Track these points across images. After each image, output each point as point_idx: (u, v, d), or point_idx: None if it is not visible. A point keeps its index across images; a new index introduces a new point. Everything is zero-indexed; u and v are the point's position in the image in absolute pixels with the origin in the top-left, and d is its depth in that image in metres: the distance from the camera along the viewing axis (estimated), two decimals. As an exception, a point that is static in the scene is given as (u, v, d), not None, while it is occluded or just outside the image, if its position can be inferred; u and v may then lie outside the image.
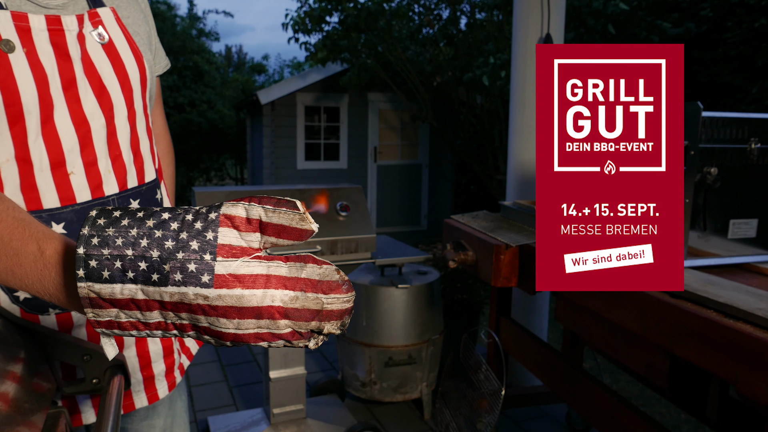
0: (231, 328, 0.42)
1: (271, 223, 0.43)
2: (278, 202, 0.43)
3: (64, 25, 0.77)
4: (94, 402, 0.85)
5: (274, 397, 2.19)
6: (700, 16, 5.70)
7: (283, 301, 0.42)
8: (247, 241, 0.43)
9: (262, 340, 0.43)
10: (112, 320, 0.44)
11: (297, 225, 0.43)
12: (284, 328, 0.42)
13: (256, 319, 0.42)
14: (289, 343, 0.43)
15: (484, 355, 2.07)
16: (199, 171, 11.52)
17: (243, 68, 21.07)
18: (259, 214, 0.43)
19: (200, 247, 0.42)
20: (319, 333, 0.43)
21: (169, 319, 0.43)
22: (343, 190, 2.19)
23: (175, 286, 0.41)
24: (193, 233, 0.42)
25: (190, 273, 0.41)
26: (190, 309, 0.42)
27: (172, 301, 0.42)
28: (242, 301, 0.41)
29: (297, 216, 0.43)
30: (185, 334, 0.44)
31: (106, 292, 0.42)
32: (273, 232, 0.43)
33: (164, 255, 0.42)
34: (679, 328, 1.04)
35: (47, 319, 0.79)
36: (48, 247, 0.48)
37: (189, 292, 0.41)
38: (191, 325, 0.43)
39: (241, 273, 0.41)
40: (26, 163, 0.75)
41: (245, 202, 0.43)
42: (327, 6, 6.25)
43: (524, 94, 2.74)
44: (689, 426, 2.56)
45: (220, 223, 0.43)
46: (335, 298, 0.43)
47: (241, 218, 0.43)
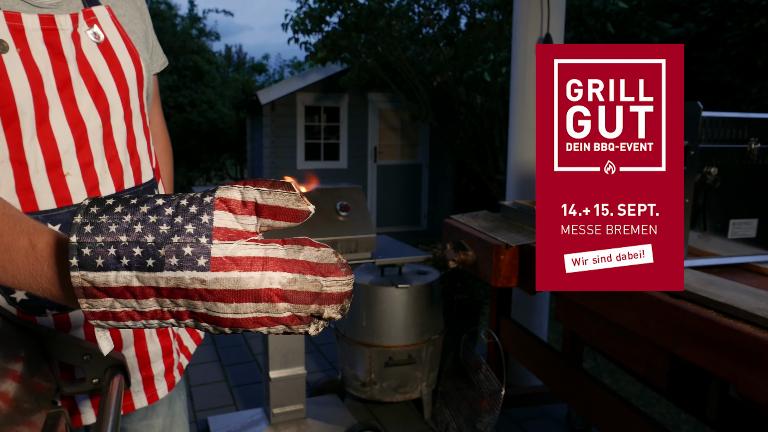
0: (229, 312, 0.41)
1: (267, 204, 0.42)
2: (273, 184, 0.43)
3: (58, 25, 0.76)
4: (93, 402, 0.85)
5: (274, 397, 2.19)
6: (700, 16, 5.70)
7: (281, 284, 0.41)
8: (243, 225, 0.42)
9: (261, 325, 0.42)
10: (107, 310, 0.43)
11: (293, 206, 0.42)
12: (283, 311, 0.41)
13: (255, 302, 0.41)
14: (289, 329, 0.42)
15: (484, 355, 2.07)
16: (199, 171, 11.53)
17: (243, 68, 21.06)
18: (255, 197, 0.42)
19: (196, 230, 0.41)
20: (319, 318, 0.42)
21: (165, 307, 0.42)
22: (343, 190, 2.19)
23: (170, 270, 0.40)
24: (188, 217, 0.42)
25: (186, 257, 0.40)
26: (187, 294, 0.41)
27: (168, 287, 0.41)
28: (240, 284, 0.40)
29: (293, 197, 0.42)
30: (182, 323, 0.43)
31: (101, 281, 0.41)
32: (269, 214, 0.42)
33: (159, 240, 0.41)
34: (679, 328, 1.04)
35: (44, 320, 0.79)
36: (39, 241, 0.47)
37: (185, 277, 0.40)
38: (188, 312, 0.42)
39: (238, 255, 0.41)
40: (21, 165, 0.74)
41: (240, 185, 0.43)
42: (327, 6, 6.25)
43: (524, 93, 2.74)
44: (689, 426, 2.56)
45: (215, 206, 0.42)
46: (334, 280, 0.42)
47: (237, 201, 0.42)
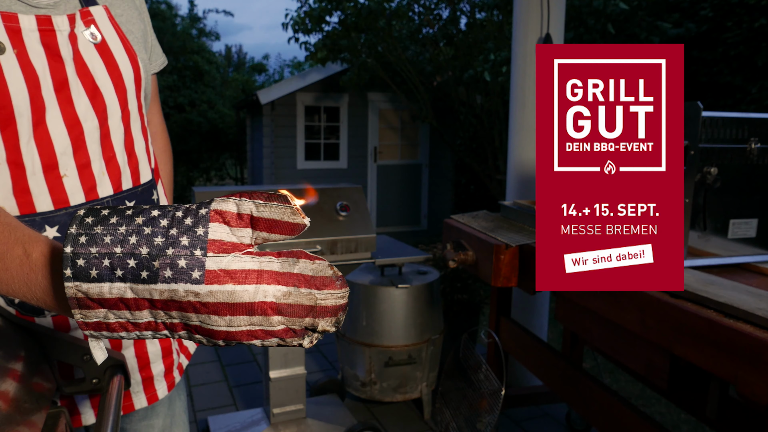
0: (222, 325, 0.41)
1: (263, 217, 0.42)
2: (269, 197, 0.42)
3: (55, 26, 0.76)
4: (93, 403, 0.85)
5: (274, 397, 2.19)
6: (700, 16, 5.70)
7: (275, 297, 0.41)
8: (238, 237, 0.42)
9: (255, 338, 0.42)
10: (100, 321, 0.43)
11: (288, 219, 0.42)
12: (277, 324, 0.41)
13: (249, 315, 0.41)
14: (283, 341, 0.42)
15: (484, 355, 2.07)
16: (199, 171, 11.52)
17: (243, 68, 21.05)
18: (250, 209, 0.42)
19: (190, 242, 0.41)
20: (313, 330, 0.42)
21: (159, 319, 0.42)
22: (343, 190, 2.19)
23: (165, 283, 0.40)
24: (183, 229, 0.42)
25: (180, 269, 0.40)
26: (181, 307, 0.41)
27: (162, 299, 0.41)
28: (234, 297, 0.40)
29: (288, 210, 0.42)
30: (176, 334, 0.43)
31: (94, 292, 0.41)
32: (264, 227, 0.42)
33: (153, 251, 0.41)
34: (679, 328, 1.04)
35: (43, 321, 0.79)
36: (34, 250, 0.47)
37: (179, 289, 0.40)
38: (182, 324, 0.42)
39: (233, 268, 0.41)
40: (18, 167, 0.73)
41: (236, 198, 0.43)
42: (327, 6, 6.25)
43: (524, 93, 2.74)
44: (689, 426, 2.56)
45: (210, 218, 0.42)
46: (329, 293, 0.42)
47: (232, 213, 0.42)
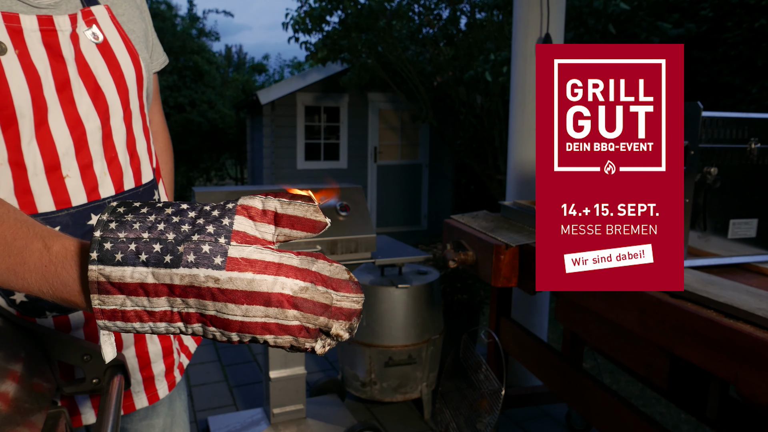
0: (239, 314, 0.42)
1: (286, 214, 0.45)
2: (294, 196, 0.45)
3: (56, 26, 0.76)
4: (93, 403, 0.85)
5: (274, 397, 2.19)
6: (700, 17, 5.70)
7: (293, 290, 0.42)
8: (261, 232, 0.44)
9: (268, 332, 0.42)
10: (116, 309, 0.43)
11: (311, 216, 0.45)
12: (292, 319, 0.42)
13: (265, 306, 0.41)
14: (296, 341, 0.43)
15: (484, 355, 2.07)
16: (199, 171, 11.52)
17: (243, 68, 21.04)
18: (275, 206, 0.45)
19: (216, 231, 0.43)
20: (326, 334, 0.43)
21: (175, 307, 0.43)
22: (343, 190, 2.19)
23: (186, 267, 0.41)
24: (209, 219, 0.44)
25: (204, 254, 0.42)
26: (200, 293, 0.42)
27: (181, 285, 0.42)
28: (252, 286, 0.41)
29: (311, 208, 0.45)
30: (189, 327, 0.44)
31: (116, 275, 0.42)
32: (287, 223, 0.45)
33: (180, 237, 0.42)
34: (679, 328, 1.04)
35: (44, 322, 0.79)
36: (54, 244, 0.47)
37: (200, 274, 0.41)
38: (197, 314, 0.43)
39: (254, 258, 0.42)
40: (20, 167, 0.73)
41: (262, 196, 0.45)
42: (327, 6, 6.25)
43: (524, 93, 2.74)
44: (689, 426, 2.56)
45: (236, 212, 0.44)
46: (345, 296, 0.43)
47: (257, 209, 0.44)
